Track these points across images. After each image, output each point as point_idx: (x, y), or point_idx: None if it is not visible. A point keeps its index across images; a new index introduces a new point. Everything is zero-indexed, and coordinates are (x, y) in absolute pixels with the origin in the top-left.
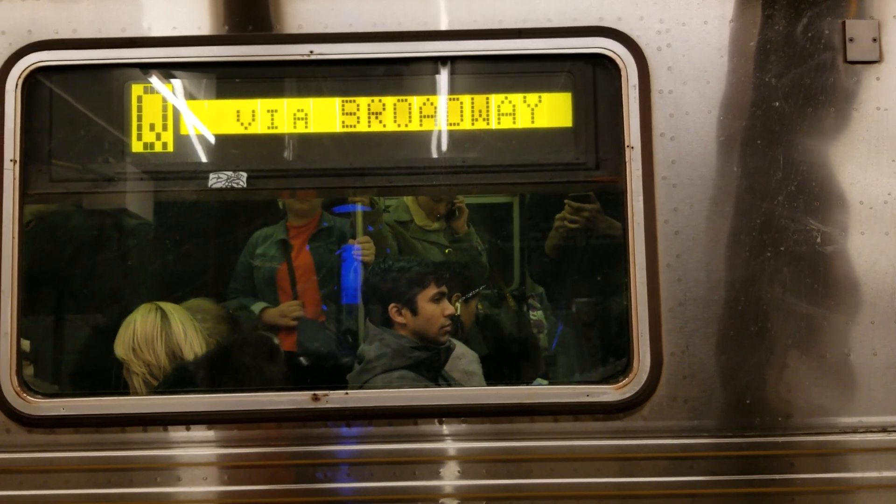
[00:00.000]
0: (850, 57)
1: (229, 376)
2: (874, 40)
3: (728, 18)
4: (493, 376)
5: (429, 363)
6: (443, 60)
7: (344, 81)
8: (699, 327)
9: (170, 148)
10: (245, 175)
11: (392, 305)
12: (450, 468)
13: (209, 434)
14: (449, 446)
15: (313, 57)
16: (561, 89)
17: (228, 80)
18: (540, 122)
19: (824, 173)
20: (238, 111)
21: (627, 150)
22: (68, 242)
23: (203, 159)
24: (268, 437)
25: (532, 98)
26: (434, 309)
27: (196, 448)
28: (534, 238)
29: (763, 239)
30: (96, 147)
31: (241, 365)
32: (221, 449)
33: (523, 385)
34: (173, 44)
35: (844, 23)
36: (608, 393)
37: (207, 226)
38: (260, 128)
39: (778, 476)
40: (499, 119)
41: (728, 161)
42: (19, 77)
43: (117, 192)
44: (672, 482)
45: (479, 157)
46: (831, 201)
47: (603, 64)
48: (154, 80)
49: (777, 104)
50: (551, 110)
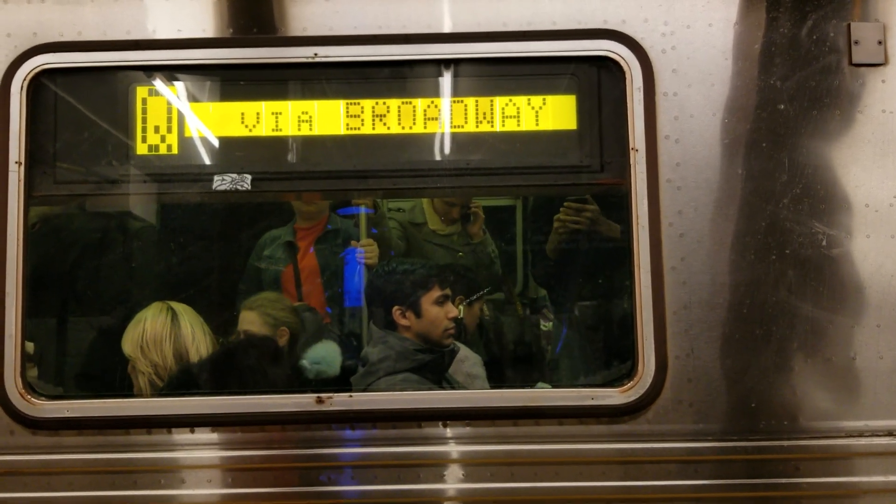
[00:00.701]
0: (856, 60)
1: (234, 378)
2: (879, 43)
3: (733, 21)
4: (498, 380)
5: (433, 366)
6: (447, 63)
7: (348, 84)
8: (704, 330)
9: (174, 150)
10: (249, 177)
11: (396, 308)
12: (454, 471)
13: (213, 436)
14: (453, 449)
15: (318, 59)
16: (565, 92)
17: (233, 83)
18: (544, 125)
19: (829, 176)
20: (242, 113)
21: (632, 153)
22: (73, 245)
23: (207, 161)
24: (272, 440)
25: (536, 100)
26: (438, 311)
27: (200, 450)
28: (537, 241)
29: (768, 242)
30: (101, 149)
31: (247, 367)
32: (225, 451)
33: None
34: (178, 46)
35: (850, 25)
36: (613, 396)
37: (212, 228)
38: (264, 130)
39: (783, 480)
40: (503, 121)
41: (733, 164)
42: (24, 79)
43: (122, 195)
44: (677, 486)
45: (484, 160)
46: (836, 204)
47: (607, 66)
48: (159, 83)
49: (782, 107)
50: (556, 113)
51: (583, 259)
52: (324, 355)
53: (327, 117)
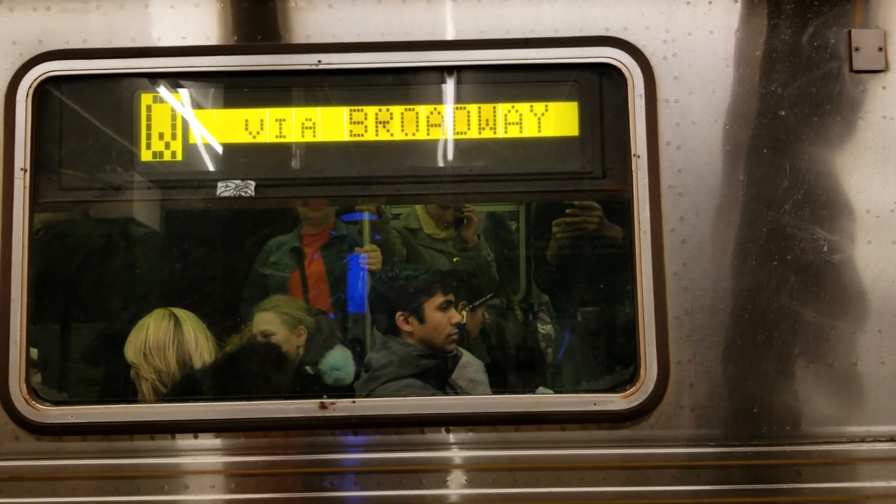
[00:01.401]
0: (856, 66)
1: (238, 384)
2: (880, 49)
3: (734, 28)
4: (500, 385)
5: (435, 371)
6: (450, 70)
7: (351, 91)
8: (706, 336)
9: (178, 157)
10: (253, 184)
11: (399, 313)
12: (456, 477)
13: (217, 442)
14: (455, 455)
15: (321, 66)
16: (567, 98)
17: (237, 90)
18: (546, 132)
19: (831, 182)
20: (246, 120)
21: (634, 160)
22: (77, 251)
23: (211, 168)
24: (275, 446)
25: (539, 107)
26: (441, 317)
27: (204, 456)
28: (539, 247)
29: (770, 248)
30: (106, 156)
31: (249, 373)
32: (229, 457)
33: (530, 394)
34: (182, 54)
35: (850, 32)
36: (615, 401)
37: (216, 234)
38: (268, 137)
39: (785, 485)
40: (505, 128)
41: (734, 170)
42: (30, 87)
43: (126, 201)
44: (679, 491)
45: (486, 166)
46: (838, 210)
47: (609, 73)
48: (163, 90)
49: (783, 113)
50: (558, 119)
51: (585, 265)
52: (342, 362)
53: (331, 124)
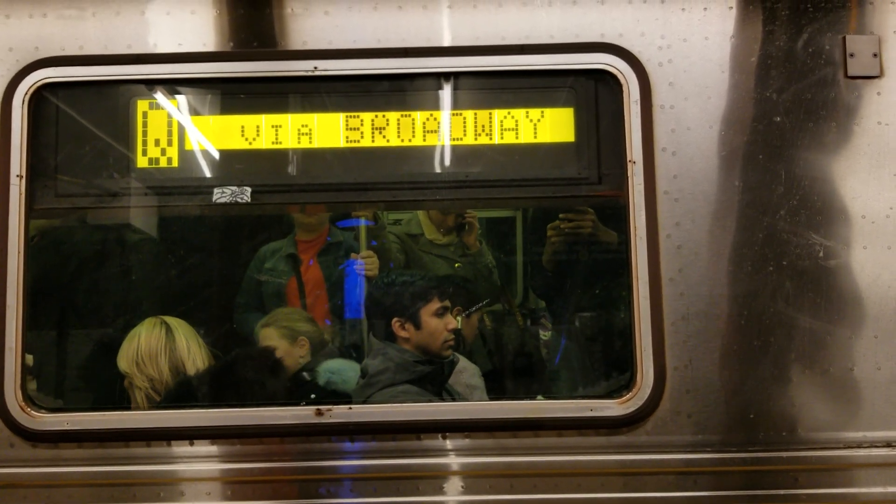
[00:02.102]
0: (851, 72)
1: (232, 391)
2: (875, 55)
3: (729, 34)
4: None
5: (432, 377)
6: (446, 76)
7: (348, 97)
8: (702, 342)
9: (175, 163)
10: (249, 190)
11: (395, 320)
12: (453, 483)
13: (212, 449)
14: (452, 461)
15: (317, 73)
16: (563, 104)
17: (233, 96)
18: (542, 138)
19: (826, 188)
20: (243, 126)
21: (629, 165)
22: (73, 257)
23: (208, 174)
24: (271, 452)
25: (535, 113)
26: (437, 323)
27: (199, 463)
28: (536, 253)
29: (765, 253)
30: (102, 162)
31: (244, 380)
32: (225, 464)
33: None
34: (179, 60)
35: (845, 38)
36: (612, 408)
37: (213, 240)
38: (264, 143)
39: (782, 491)
40: (501, 134)
41: (730, 176)
42: (26, 93)
43: (123, 208)
44: (676, 497)
45: (482, 172)
46: (833, 216)
47: (605, 79)
48: (159, 96)
49: (778, 119)
50: (554, 125)
51: (580, 270)
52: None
53: (327, 130)
